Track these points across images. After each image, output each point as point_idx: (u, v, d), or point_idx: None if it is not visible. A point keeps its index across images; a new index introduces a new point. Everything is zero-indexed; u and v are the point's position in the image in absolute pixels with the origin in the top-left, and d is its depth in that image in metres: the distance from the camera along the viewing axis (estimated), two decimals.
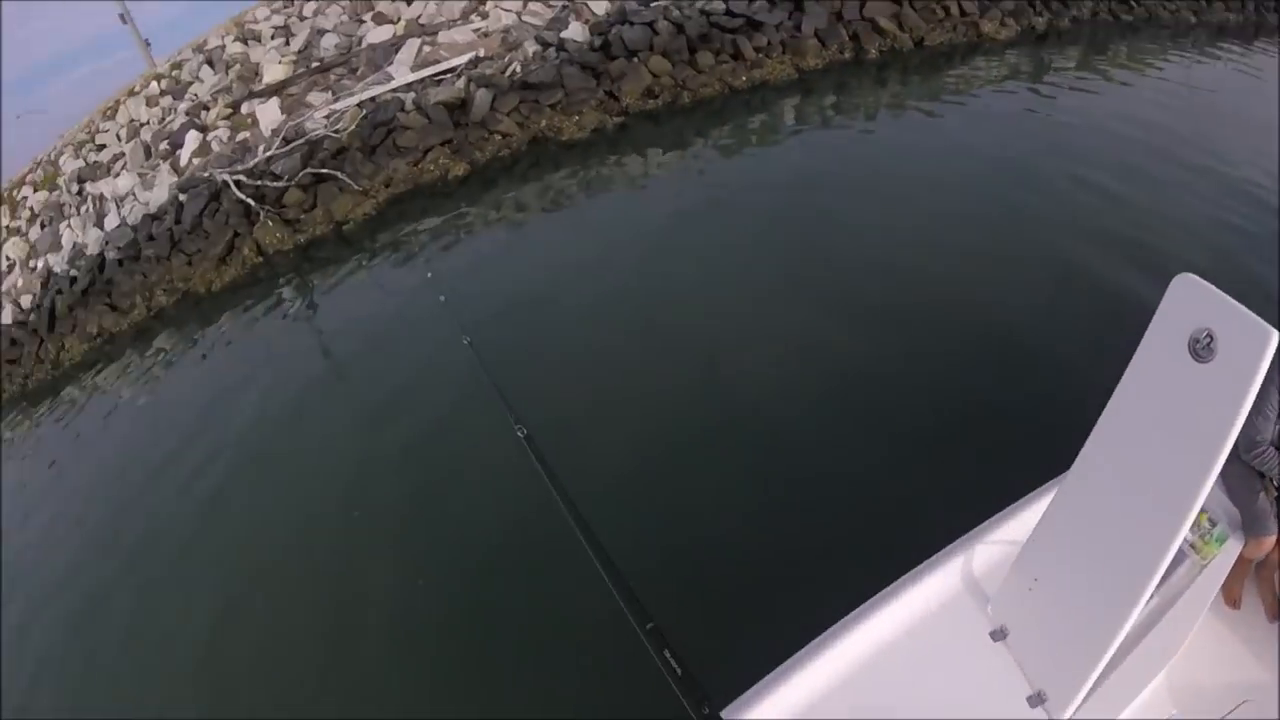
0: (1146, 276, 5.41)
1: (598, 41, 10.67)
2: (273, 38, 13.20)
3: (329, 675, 4.13)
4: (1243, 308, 1.81)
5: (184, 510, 6.14)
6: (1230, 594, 2.67)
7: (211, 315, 10.05)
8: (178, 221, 10.99)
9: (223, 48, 13.73)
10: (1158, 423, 1.98)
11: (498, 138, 10.12)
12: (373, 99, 10.77)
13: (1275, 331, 1.74)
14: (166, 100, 13.51)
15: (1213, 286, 1.89)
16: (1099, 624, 2.03)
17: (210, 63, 13.58)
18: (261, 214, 10.09)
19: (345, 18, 12.87)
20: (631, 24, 10.64)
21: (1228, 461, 1.84)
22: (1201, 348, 1.86)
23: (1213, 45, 13.03)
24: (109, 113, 14.48)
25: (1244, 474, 2.54)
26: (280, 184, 10.28)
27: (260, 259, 10.14)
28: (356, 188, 9.86)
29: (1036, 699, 2.21)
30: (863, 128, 9.64)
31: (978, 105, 9.89)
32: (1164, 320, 1.99)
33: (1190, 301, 1.93)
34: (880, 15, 11.75)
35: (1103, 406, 2.17)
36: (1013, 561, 2.39)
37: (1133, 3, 14.14)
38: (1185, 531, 1.87)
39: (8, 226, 14.88)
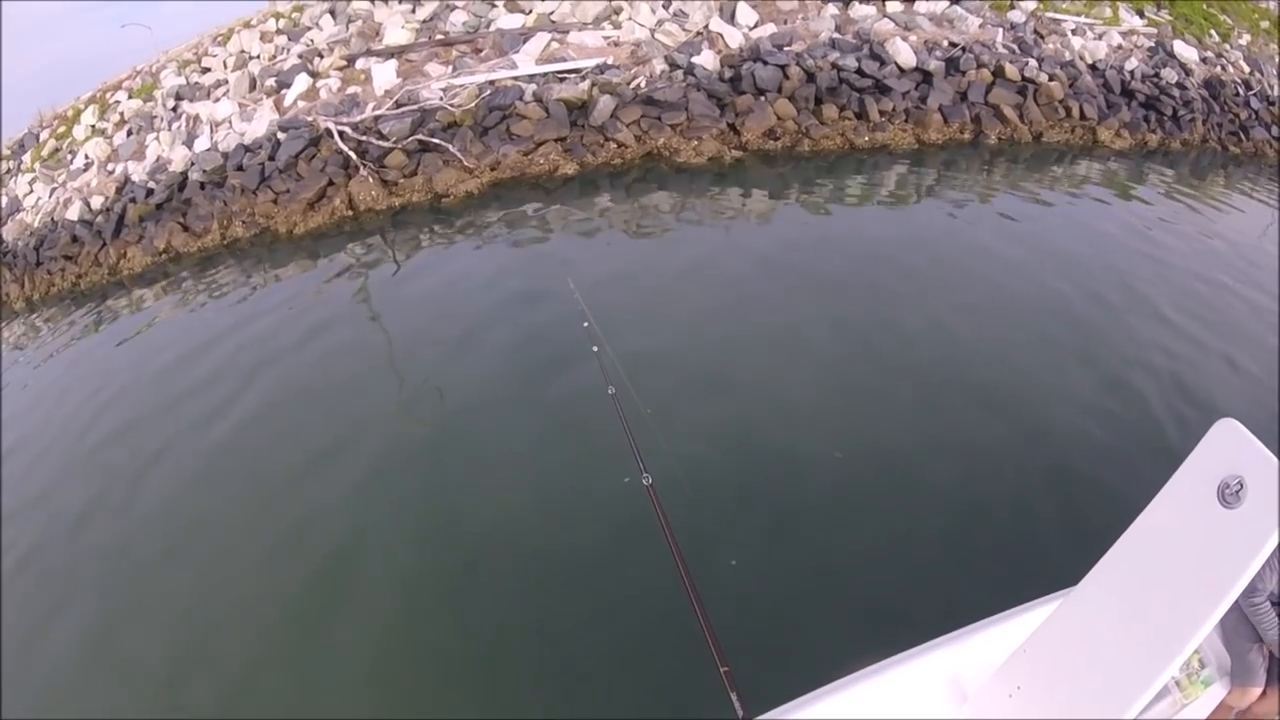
0: (1187, 413, 5.48)
1: (728, 73, 10.59)
2: (401, 2, 13.22)
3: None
4: (1278, 461, 1.81)
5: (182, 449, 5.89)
6: None
7: (284, 258, 9.88)
8: (271, 158, 10.88)
9: (348, 1, 13.76)
10: (1172, 558, 1.99)
11: (613, 145, 9.98)
12: (492, 82, 10.71)
13: None
14: (281, 39, 13.50)
15: (1252, 435, 1.88)
16: None
17: (333, 13, 13.58)
18: (362, 168, 9.97)
19: None
20: (765, 63, 10.57)
21: (1230, 608, 1.85)
22: (1230, 493, 1.86)
23: None
24: (220, 39, 14.50)
25: (1242, 622, 2.58)
26: (385, 144, 10.17)
27: (350, 213, 10.00)
28: (465, 162, 9.73)
29: None
30: (950, 209, 9.52)
31: (1063, 208, 9.82)
32: (1199, 460, 1.99)
33: (1228, 446, 1.93)
34: (1004, 104, 11.72)
35: (1121, 531, 2.15)
36: (998, 666, 2.38)
37: (1241, 136, 14.20)
38: (1178, 665, 1.89)
39: (93, 126, 14.86)
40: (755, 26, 11.57)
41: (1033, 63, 12.44)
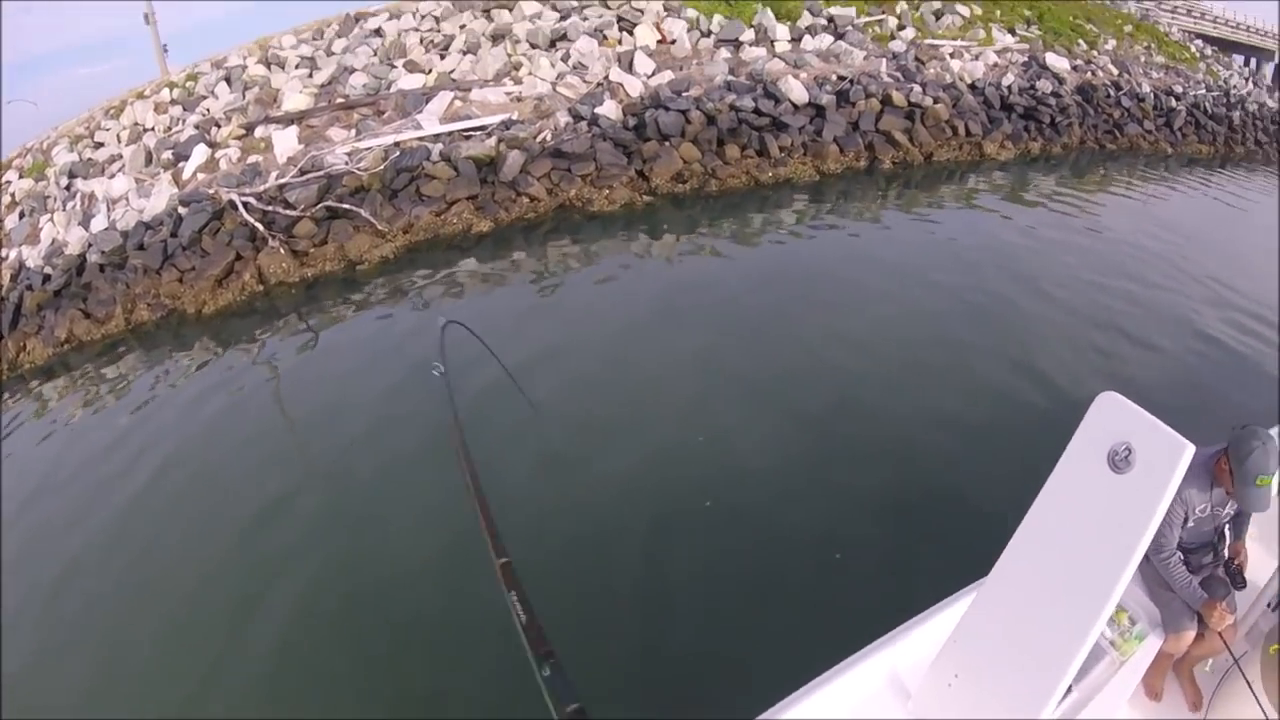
0: (1066, 393, 5.92)
1: (632, 121, 10.91)
2: (297, 67, 13.09)
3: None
4: (1160, 422, 1.92)
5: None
6: (1152, 687, 2.89)
7: (191, 341, 9.52)
8: (174, 234, 10.58)
9: (243, 68, 13.53)
10: (1076, 529, 2.07)
11: (525, 200, 10.12)
12: (398, 144, 10.73)
13: (1189, 445, 1.84)
14: (176, 110, 13.19)
15: (1132, 403, 2.00)
16: (1017, 717, 2.09)
17: (228, 80, 13.36)
18: (271, 240, 9.80)
19: (375, 60, 12.88)
20: (666, 109, 10.94)
21: (1146, 563, 2.01)
22: (1120, 459, 1.96)
23: (1180, 173, 14.35)
24: (113, 112, 14.04)
25: (1160, 575, 2.72)
26: (293, 213, 10.03)
27: (261, 288, 9.79)
28: (377, 227, 9.68)
29: None
30: (849, 233, 10.07)
31: (953, 221, 10.51)
32: (1086, 433, 2.09)
33: (1111, 416, 2.03)
34: (894, 129, 12.42)
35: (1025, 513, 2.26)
36: (933, 659, 2.45)
37: (1116, 133, 15.44)
38: (1100, 627, 1.96)
39: None
40: (653, 74, 11.97)
41: (917, 88, 13.24)
